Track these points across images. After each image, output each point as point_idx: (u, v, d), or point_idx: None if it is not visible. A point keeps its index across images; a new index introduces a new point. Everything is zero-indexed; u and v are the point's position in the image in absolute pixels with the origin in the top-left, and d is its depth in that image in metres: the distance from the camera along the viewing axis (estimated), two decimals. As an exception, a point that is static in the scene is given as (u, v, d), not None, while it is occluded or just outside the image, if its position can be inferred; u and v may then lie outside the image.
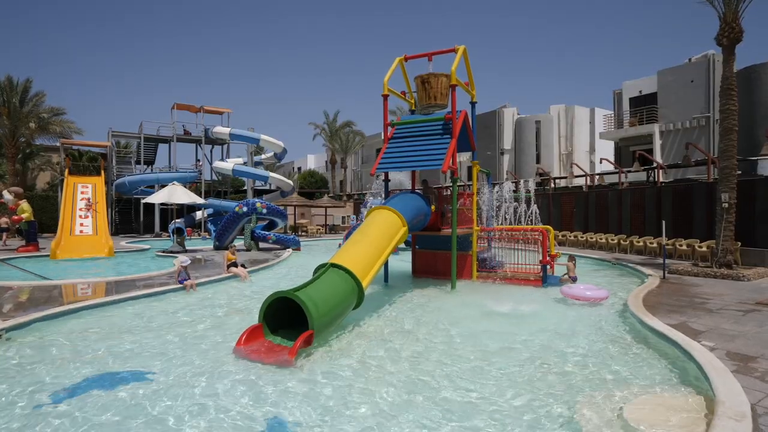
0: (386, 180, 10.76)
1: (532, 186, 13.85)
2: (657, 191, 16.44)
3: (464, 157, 26.21)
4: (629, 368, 4.71)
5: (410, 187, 12.28)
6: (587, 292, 7.46)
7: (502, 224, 11.24)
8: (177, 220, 24.04)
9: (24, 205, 17.25)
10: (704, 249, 13.12)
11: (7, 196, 17.30)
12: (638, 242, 15.84)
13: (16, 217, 17.22)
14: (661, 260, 11.69)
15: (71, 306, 7.03)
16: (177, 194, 16.39)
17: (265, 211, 17.33)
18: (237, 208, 17.10)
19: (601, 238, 17.57)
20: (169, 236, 19.74)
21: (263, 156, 31.11)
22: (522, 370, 4.72)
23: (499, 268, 10.62)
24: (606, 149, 31.11)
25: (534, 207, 12.74)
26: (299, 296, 5.38)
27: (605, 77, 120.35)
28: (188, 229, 24.96)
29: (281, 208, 19.63)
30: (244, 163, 28.86)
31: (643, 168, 21.11)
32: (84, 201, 15.64)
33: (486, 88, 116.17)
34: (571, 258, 9.85)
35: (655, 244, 14.96)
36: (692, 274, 10.77)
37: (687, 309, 7.06)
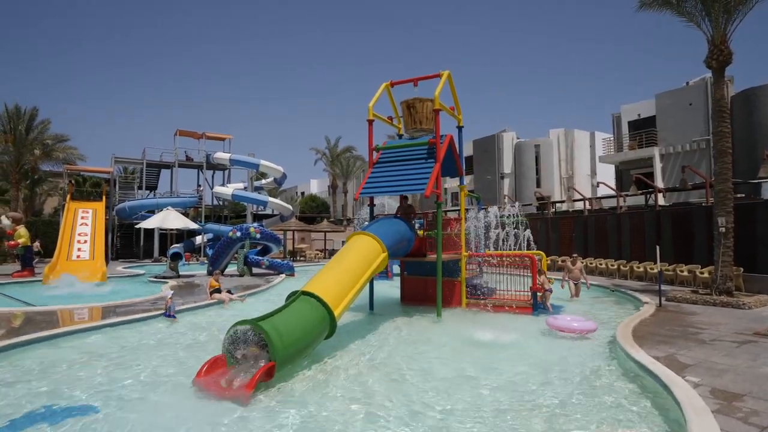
0: (371, 205, 10.65)
1: (519, 210, 13.59)
2: (656, 215, 16.11)
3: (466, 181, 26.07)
4: (606, 406, 4.40)
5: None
6: (574, 323, 7.13)
7: (491, 250, 11.00)
8: (175, 245, 24.03)
9: (21, 230, 17.30)
10: (705, 275, 12.70)
11: (6, 221, 17.37)
12: (638, 268, 15.43)
13: (12, 242, 17.27)
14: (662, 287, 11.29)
15: (29, 336, 6.64)
16: (170, 219, 16.42)
17: (258, 236, 17.24)
18: (231, 233, 17.02)
19: (601, 264, 17.18)
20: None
21: (264, 181, 31.34)
22: (491, 408, 4.43)
23: (490, 294, 10.31)
24: (607, 173, 30.91)
25: (527, 232, 12.48)
26: (262, 326, 5.16)
27: (604, 101, 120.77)
28: (187, 254, 24.92)
29: (276, 233, 19.55)
30: (245, 188, 29.06)
31: (640, 192, 20.83)
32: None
33: (485, 112, 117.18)
34: (574, 261, 9.89)
35: (655, 270, 14.53)
36: (691, 301, 10.37)
37: (678, 340, 6.70)
